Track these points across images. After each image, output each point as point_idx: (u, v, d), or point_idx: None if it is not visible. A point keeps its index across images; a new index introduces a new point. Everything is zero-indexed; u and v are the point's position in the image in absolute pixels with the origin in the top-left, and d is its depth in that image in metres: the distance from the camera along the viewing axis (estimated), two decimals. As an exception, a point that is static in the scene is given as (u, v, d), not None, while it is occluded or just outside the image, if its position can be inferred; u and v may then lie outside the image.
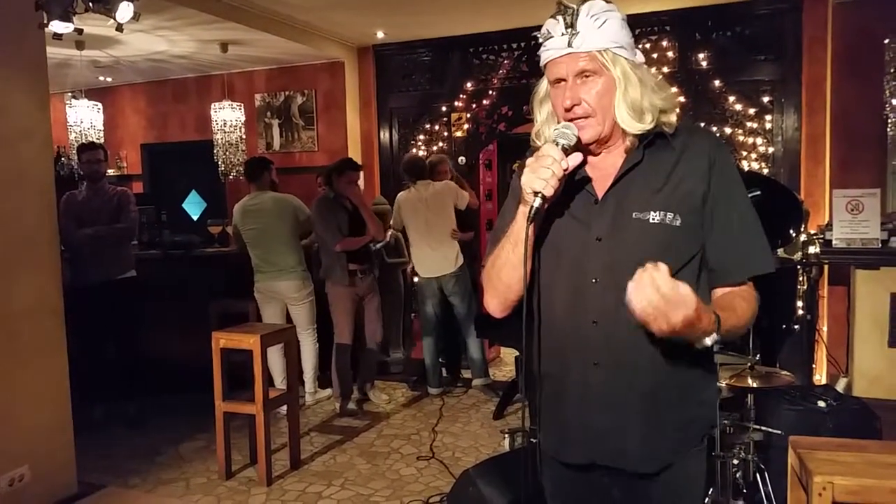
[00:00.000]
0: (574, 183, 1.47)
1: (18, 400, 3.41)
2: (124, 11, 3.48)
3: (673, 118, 1.45)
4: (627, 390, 1.46)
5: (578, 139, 1.41)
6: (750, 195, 1.53)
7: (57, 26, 3.35)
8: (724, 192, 1.45)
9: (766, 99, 5.29)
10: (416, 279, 5.48)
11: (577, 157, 1.41)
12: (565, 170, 1.37)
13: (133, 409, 4.77)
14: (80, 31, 3.52)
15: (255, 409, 3.76)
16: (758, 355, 3.09)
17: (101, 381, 4.61)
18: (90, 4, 3.40)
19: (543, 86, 1.51)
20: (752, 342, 3.08)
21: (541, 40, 1.43)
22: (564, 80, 1.41)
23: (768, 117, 5.29)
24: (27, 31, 3.43)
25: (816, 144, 5.16)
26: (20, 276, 3.43)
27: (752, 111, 5.29)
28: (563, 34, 1.38)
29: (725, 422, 3.00)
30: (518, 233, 1.42)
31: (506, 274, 1.49)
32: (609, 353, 1.46)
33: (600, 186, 1.47)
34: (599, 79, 1.40)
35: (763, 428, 2.96)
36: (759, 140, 5.30)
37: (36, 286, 3.52)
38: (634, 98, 1.40)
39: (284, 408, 4.21)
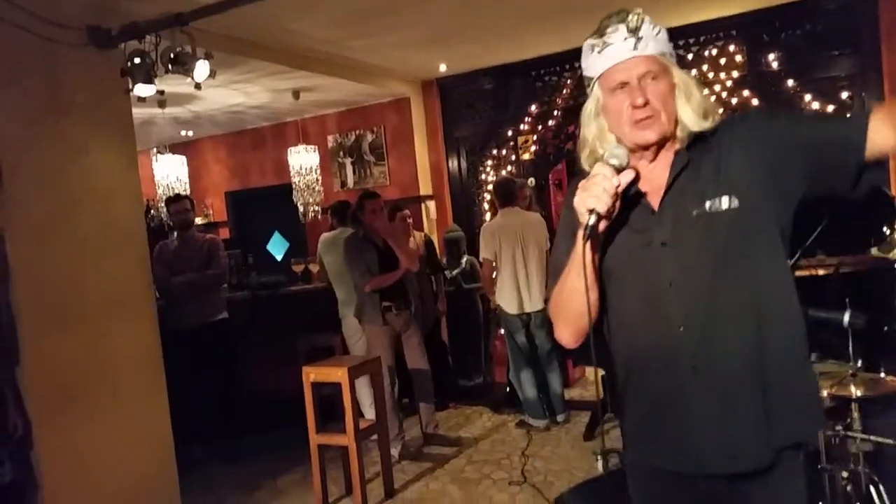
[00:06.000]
0: (630, 199, 1.48)
1: (124, 443, 3.58)
2: (201, 70, 3.67)
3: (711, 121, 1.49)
4: (728, 390, 1.43)
5: (629, 157, 1.44)
6: None
7: (141, 90, 3.55)
8: (782, 129, 1.46)
9: (844, 95, 5.10)
10: (499, 309, 5.16)
11: (629, 174, 1.43)
12: (617, 186, 1.39)
13: (231, 445, 4.94)
14: (161, 93, 3.73)
15: (346, 440, 3.84)
16: (859, 361, 2.94)
17: (199, 421, 4.79)
18: (170, 67, 3.60)
19: (592, 103, 1.53)
20: (851, 347, 2.94)
21: (597, 49, 1.46)
22: (627, 83, 1.44)
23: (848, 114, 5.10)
24: (114, 97, 3.66)
25: (905, 136, 4.92)
26: (120, 326, 3.63)
27: (830, 108, 5.11)
28: (625, 38, 1.42)
29: (829, 433, 2.87)
30: (578, 256, 1.43)
31: (576, 301, 1.48)
32: (702, 356, 1.43)
33: (655, 199, 1.49)
34: (663, 80, 1.44)
35: (873, 438, 2.80)
36: (840, 137, 5.09)
37: (135, 334, 3.72)
38: (697, 98, 1.45)
39: (375, 437, 4.27)
